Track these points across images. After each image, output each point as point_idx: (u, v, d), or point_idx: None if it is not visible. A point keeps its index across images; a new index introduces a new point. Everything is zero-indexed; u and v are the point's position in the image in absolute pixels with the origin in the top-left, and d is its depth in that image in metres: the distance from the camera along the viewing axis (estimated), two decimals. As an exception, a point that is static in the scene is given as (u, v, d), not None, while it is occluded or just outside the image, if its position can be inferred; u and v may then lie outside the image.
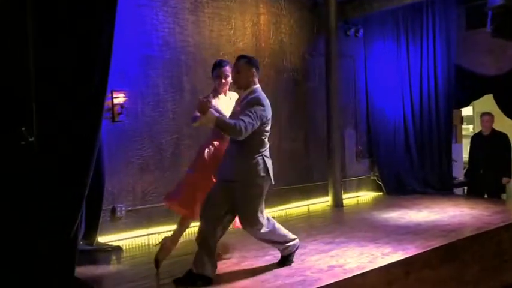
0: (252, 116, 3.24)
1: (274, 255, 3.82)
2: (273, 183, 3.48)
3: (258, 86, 3.45)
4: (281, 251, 3.60)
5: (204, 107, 3.21)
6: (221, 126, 3.25)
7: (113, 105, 4.58)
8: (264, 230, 3.41)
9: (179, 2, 5.09)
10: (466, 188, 7.23)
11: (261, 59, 5.81)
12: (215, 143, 3.65)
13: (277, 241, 3.55)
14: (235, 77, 3.49)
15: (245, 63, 3.43)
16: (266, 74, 5.83)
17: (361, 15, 6.32)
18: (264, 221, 3.43)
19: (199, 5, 5.24)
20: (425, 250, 3.83)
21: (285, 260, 3.58)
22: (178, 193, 3.62)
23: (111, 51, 3.39)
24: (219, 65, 3.68)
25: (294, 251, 3.62)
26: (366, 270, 3.37)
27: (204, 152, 3.63)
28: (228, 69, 3.65)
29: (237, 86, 3.52)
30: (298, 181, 6.12)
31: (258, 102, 3.33)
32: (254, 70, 3.43)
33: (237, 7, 5.59)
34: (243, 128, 3.18)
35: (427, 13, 6.78)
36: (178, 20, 5.08)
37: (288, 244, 3.57)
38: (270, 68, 5.91)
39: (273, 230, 3.48)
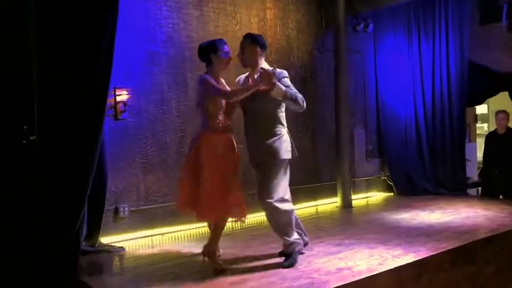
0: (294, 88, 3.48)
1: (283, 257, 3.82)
2: (297, 154, 3.66)
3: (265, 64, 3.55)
4: (285, 245, 3.62)
5: (271, 77, 3.23)
6: (292, 98, 3.37)
7: (116, 102, 4.59)
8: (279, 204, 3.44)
9: (183, -4, 5.10)
10: (480, 188, 7.19)
11: (268, 55, 5.71)
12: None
13: (283, 229, 3.55)
14: (241, 57, 3.58)
15: (249, 43, 3.53)
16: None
17: (371, 9, 6.28)
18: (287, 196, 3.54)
19: (203, -1, 5.26)
20: (437, 252, 3.80)
21: (286, 256, 3.59)
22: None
23: (113, 50, 3.41)
24: (219, 44, 3.57)
25: (297, 252, 3.63)
26: (375, 272, 3.35)
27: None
28: (227, 48, 3.61)
29: (243, 65, 3.61)
30: (306, 181, 6.10)
31: (284, 75, 3.53)
32: (259, 48, 3.52)
33: (243, 1, 5.59)
34: (304, 100, 3.45)
35: (439, 7, 6.73)
36: (182, 15, 5.09)
37: (292, 240, 3.58)
38: (277, 65, 5.83)
39: (290, 212, 3.54)
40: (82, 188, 3.38)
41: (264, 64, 3.54)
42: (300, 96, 3.44)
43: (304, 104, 3.45)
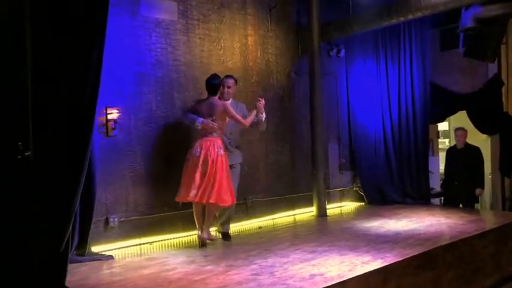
0: None
1: (260, 264, 3.77)
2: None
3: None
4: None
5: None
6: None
7: (107, 120, 4.50)
8: None
9: (171, 23, 5.06)
10: (442, 198, 7.22)
11: (249, 77, 5.80)
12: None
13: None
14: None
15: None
16: (254, 91, 5.81)
17: (343, 36, 6.33)
18: None
19: (190, 26, 5.22)
20: (403, 258, 3.78)
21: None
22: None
23: (101, 66, 3.33)
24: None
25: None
26: (345, 278, 3.31)
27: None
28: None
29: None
30: (285, 192, 6.05)
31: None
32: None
33: (226, 29, 5.58)
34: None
35: (404, 35, 6.81)
36: (170, 40, 5.05)
37: None
38: (257, 86, 5.88)
39: None
40: (71, 202, 3.27)
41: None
42: None
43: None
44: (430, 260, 3.98)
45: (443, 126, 9.02)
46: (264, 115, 4.73)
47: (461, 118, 7.40)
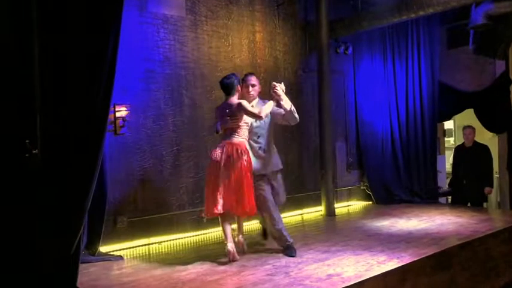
0: None
1: (273, 264, 3.69)
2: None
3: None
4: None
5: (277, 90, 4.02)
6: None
7: (115, 118, 4.42)
8: None
9: (179, 20, 4.98)
10: (450, 197, 7.16)
11: (257, 74, 5.65)
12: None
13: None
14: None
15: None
16: (261, 88, 5.72)
17: (351, 33, 6.26)
18: None
19: (198, 23, 5.14)
20: (419, 258, 3.71)
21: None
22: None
23: (116, 64, 3.25)
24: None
25: None
26: (363, 278, 3.24)
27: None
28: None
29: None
30: (292, 191, 5.96)
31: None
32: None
33: (234, 25, 5.50)
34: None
35: (412, 32, 6.76)
36: (178, 37, 4.97)
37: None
38: (265, 83, 5.79)
39: None
40: (83, 201, 3.18)
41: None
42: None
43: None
44: (446, 259, 3.92)
45: (447, 124, 8.96)
46: (286, 102, 3.94)
47: (466, 116, 7.35)
